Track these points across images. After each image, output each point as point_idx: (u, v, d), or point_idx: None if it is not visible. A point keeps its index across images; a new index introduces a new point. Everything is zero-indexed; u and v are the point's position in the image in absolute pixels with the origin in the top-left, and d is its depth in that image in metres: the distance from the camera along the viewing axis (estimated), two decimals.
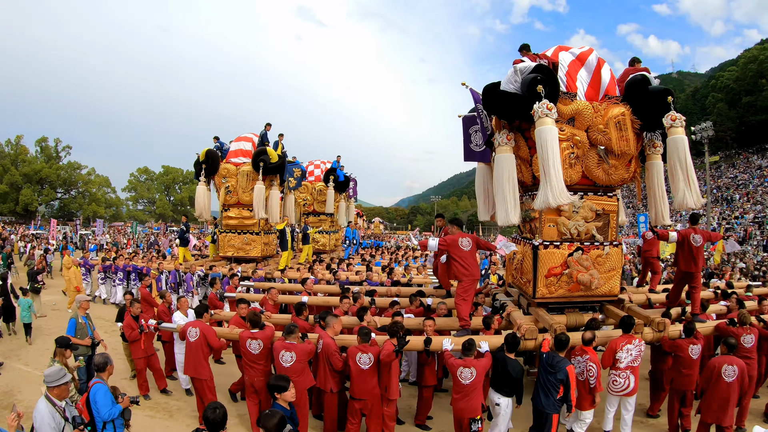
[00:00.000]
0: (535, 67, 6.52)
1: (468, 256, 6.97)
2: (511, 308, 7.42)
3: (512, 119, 6.89)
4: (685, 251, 7.51)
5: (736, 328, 7.02)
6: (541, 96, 6.15)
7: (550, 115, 6.05)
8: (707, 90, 70.77)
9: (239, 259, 14.29)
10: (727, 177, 57.00)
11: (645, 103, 6.75)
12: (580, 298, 7.17)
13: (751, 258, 30.76)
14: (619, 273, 7.24)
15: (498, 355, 6.02)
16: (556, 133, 6.10)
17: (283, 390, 4.57)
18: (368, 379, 6.01)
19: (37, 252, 20.95)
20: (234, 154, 14.28)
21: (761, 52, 60.91)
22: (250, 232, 14.30)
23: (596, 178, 6.97)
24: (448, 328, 7.26)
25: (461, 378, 5.72)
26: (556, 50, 7.36)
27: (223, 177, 14.04)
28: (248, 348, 6.42)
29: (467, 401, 5.75)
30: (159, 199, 77.08)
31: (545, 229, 7.04)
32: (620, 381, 6.31)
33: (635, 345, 6.29)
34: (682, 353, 6.57)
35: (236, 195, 13.96)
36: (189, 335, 6.78)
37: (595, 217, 7.06)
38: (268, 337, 6.46)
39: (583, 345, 6.25)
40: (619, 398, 6.46)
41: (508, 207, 6.70)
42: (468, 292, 6.95)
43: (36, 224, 48.88)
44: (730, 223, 45.22)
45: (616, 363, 6.27)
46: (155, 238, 35.29)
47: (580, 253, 6.92)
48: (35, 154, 62.63)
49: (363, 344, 6.08)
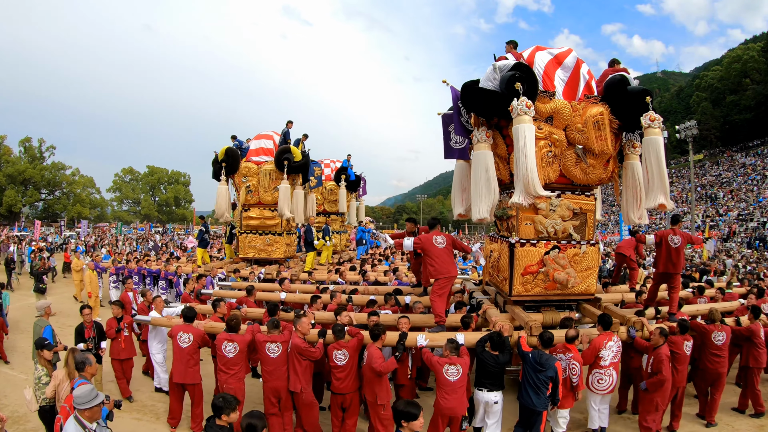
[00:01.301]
0: (515, 65, 6.51)
1: (443, 254, 7.01)
2: (487, 306, 7.41)
3: (491, 117, 6.86)
4: (663, 252, 7.55)
5: (708, 325, 7.11)
6: (519, 93, 6.15)
7: (528, 112, 6.07)
8: (692, 89, 71.72)
9: (261, 261, 13.66)
10: (711, 175, 57.69)
11: (623, 103, 6.76)
12: (557, 296, 7.16)
13: (737, 254, 31.16)
14: (595, 272, 7.25)
15: (484, 354, 6.01)
16: (533, 130, 6.13)
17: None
18: (346, 374, 6.11)
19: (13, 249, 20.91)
20: (255, 153, 13.62)
21: (745, 51, 61.81)
22: (272, 232, 13.60)
23: (574, 177, 6.96)
24: (424, 325, 7.26)
25: (448, 375, 5.75)
26: (534, 50, 7.35)
27: (243, 176, 13.39)
28: (223, 351, 6.35)
29: (456, 399, 5.78)
30: (144, 200, 76.42)
31: (522, 227, 7.01)
32: (605, 379, 6.31)
33: (615, 341, 6.35)
34: (677, 350, 6.63)
35: (257, 195, 13.32)
36: (180, 341, 6.70)
37: (573, 215, 7.04)
38: (246, 342, 6.41)
39: (566, 343, 6.24)
40: (600, 397, 6.47)
41: (482, 203, 6.74)
42: (443, 290, 7.04)
43: (20, 225, 48.19)
44: (714, 221, 45.76)
45: (599, 361, 6.28)
46: (154, 241, 34.67)
47: (557, 251, 6.90)
48: (19, 155, 61.75)
49: (338, 341, 6.19)
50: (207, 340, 6.91)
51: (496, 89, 6.48)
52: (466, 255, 12.95)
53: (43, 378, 5.78)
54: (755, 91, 58.86)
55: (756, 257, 28.08)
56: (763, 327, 7.47)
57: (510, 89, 6.24)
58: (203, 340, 6.85)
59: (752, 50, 60.67)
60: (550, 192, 6.70)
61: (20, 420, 6.97)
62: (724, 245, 38.18)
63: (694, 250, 28.64)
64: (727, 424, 7.41)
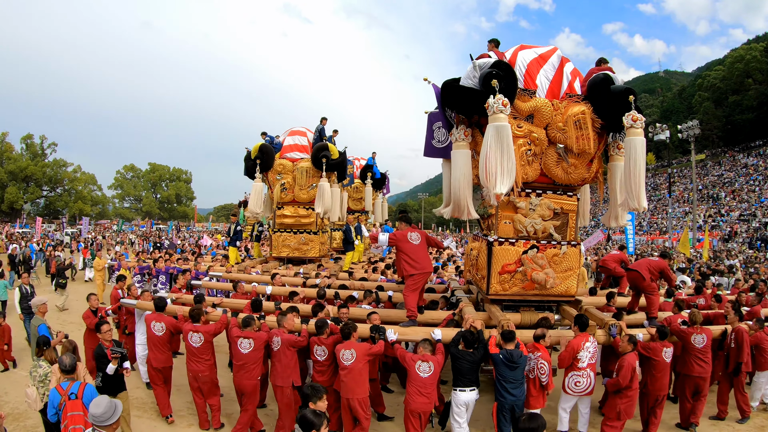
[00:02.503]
0: (494, 63, 6.43)
1: (417, 250, 7.05)
2: (464, 304, 7.35)
3: (470, 114, 6.81)
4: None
5: (687, 328, 6.96)
6: (495, 91, 6.10)
7: (504, 110, 6.01)
8: (694, 89, 71.43)
9: (295, 260, 13.29)
10: (713, 175, 57.54)
11: (606, 102, 6.66)
12: (536, 296, 7.10)
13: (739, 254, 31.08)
14: (576, 273, 7.15)
15: (459, 353, 5.99)
16: (508, 128, 6.08)
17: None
18: (324, 370, 6.35)
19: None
20: (289, 149, 13.21)
21: (748, 52, 61.51)
22: (308, 231, 13.17)
23: (555, 177, 6.90)
24: (398, 320, 7.28)
25: (420, 372, 5.79)
26: (518, 48, 7.30)
27: (278, 173, 12.88)
28: (189, 341, 6.65)
29: (427, 395, 5.82)
30: (145, 197, 76.73)
31: (501, 225, 6.97)
32: (582, 381, 6.22)
33: (591, 342, 6.26)
34: (655, 356, 6.48)
35: (292, 192, 12.88)
36: (154, 329, 6.96)
37: (554, 215, 6.98)
38: (209, 332, 6.69)
39: (534, 342, 6.16)
40: (577, 398, 6.40)
41: (462, 202, 6.71)
42: (416, 285, 7.07)
43: (21, 222, 48.38)
44: (716, 221, 45.63)
45: (576, 363, 6.20)
46: (168, 240, 34.43)
47: (535, 251, 6.84)
48: (20, 152, 62.09)
49: (319, 337, 6.35)
50: (179, 328, 7.07)
51: (475, 87, 6.43)
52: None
53: (50, 375, 5.75)
54: (757, 92, 58.61)
55: (755, 257, 28.06)
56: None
57: (487, 87, 6.19)
58: (176, 328, 7.06)
59: (755, 50, 60.37)
60: (516, 190, 6.57)
61: (20, 417, 7.04)
62: (725, 245, 38.15)
63: (695, 249, 28.62)
64: (728, 424, 7.35)
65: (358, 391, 6.00)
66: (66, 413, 4.81)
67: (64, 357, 5.37)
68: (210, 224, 69.04)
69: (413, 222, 7.59)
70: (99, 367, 6.21)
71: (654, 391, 6.58)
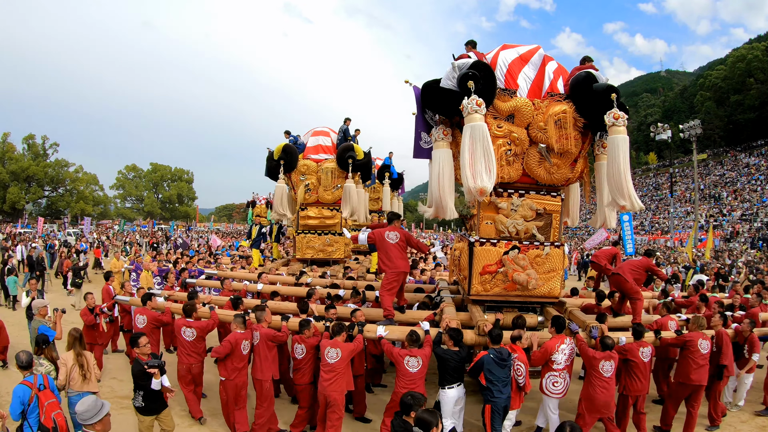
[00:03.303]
0: (473, 64, 6.41)
1: (393, 248, 7.12)
2: (445, 304, 7.37)
3: (450, 115, 6.80)
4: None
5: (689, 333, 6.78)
6: (470, 91, 6.12)
7: (479, 110, 6.02)
8: (695, 89, 71.21)
9: (319, 262, 13.15)
10: (715, 175, 57.34)
11: (589, 101, 6.60)
12: (518, 297, 7.07)
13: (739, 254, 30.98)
14: (559, 274, 7.09)
15: (446, 353, 5.99)
16: (484, 127, 6.08)
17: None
18: (304, 368, 6.47)
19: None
20: (313, 150, 12.98)
21: (749, 51, 61.28)
22: (332, 232, 13.03)
23: (538, 177, 6.87)
24: (379, 318, 7.34)
25: (408, 367, 5.87)
26: (500, 49, 7.28)
27: (302, 174, 12.66)
28: (182, 335, 6.90)
29: (416, 390, 5.72)
30: (147, 197, 76.86)
31: (482, 226, 6.96)
32: (560, 382, 6.21)
33: (567, 344, 6.22)
34: (632, 357, 6.41)
35: (316, 193, 12.68)
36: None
37: (536, 216, 6.95)
38: (202, 328, 6.98)
39: (511, 343, 6.13)
40: (557, 401, 6.36)
41: (442, 202, 6.71)
42: (391, 284, 7.14)
43: (23, 223, 48.49)
44: (717, 221, 45.47)
45: (551, 364, 6.17)
46: (183, 239, 34.22)
47: (516, 251, 6.81)
48: (22, 152, 62.09)
49: (298, 335, 6.51)
50: (162, 322, 7.53)
51: (454, 88, 6.43)
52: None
53: (51, 373, 5.79)
54: (759, 91, 58.31)
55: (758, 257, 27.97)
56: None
57: (463, 87, 6.20)
58: (157, 321, 7.51)
59: (756, 50, 60.08)
60: (493, 190, 6.45)
61: (4, 407, 7.03)
62: (727, 245, 38.01)
63: (698, 249, 28.45)
64: (730, 425, 7.32)
65: (337, 388, 6.09)
66: (42, 403, 5.10)
67: (20, 353, 5.50)
68: (212, 224, 69.15)
69: (400, 222, 7.64)
70: (138, 385, 5.66)
71: (633, 392, 6.51)
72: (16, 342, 9.97)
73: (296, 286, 10.21)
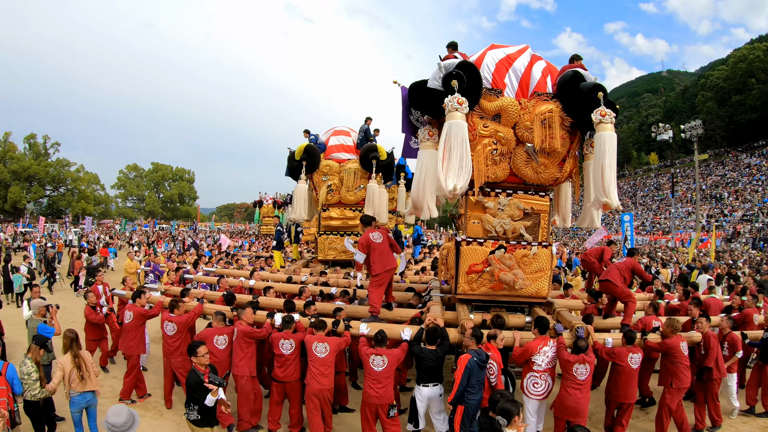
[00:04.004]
0: (458, 64, 6.41)
1: (379, 247, 7.17)
2: (432, 303, 7.38)
3: (437, 115, 6.77)
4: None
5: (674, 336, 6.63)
6: (454, 90, 6.16)
7: (459, 109, 6.04)
8: (697, 89, 71.00)
9: (341, 263, 12.96)
10: (716, 175, 57.23)
11: (577, 100, 6.56)
12: (505, 297, 7.04)
13: (740, 255, 30.87)
14: (547, 274, 7.05)
15: (423, 352, 6.02)
16: (462, 125, 6.12)
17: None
18: (289, 363, 6.48)
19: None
20: (335, 150, 12.78)
21: (751, 51, 61.09)
22: (355, 233, 12.50)
23: (525, 176, 6.85)
24: (361, 316, 7.42)
25: (374, 365, 5.94)
26: (487, 49, 7.26)
27: (324, 174, 12.41)
28: (164, 329, 7.28)
29: (382, 388, 5.95)
30: (148, 196, 77.03)
31: (470, 225, 6.95)
32: (540, 383, 6.12)
33: (550, 347, 6.12)
34: (620, 362, 6.32)
35: (338, 194, 12.47)
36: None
37: (524, 216, 6.93)
38: (182, 322, 7.26)
39: (486, 342, 6.06)
40: (538, 403, 6.24)
41: (420, 200, 6.73)
42: (381, 280, 7.18)
43: (24, 222, 48.62)
44: (719, 221, 45.37)
45: (532, 365, 6.10)
46: (193, 239, 34.04)
47: (503, 251, 6.79)
48: (24, 151, 62.31)
49: (285, 332, 6.55)
50: (149, 316, 7.78)
51: (439, 88, 6.42)
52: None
53: (33, 374, 5.82)
54: (761, 91, 58.17)
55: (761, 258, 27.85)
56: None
57: (447, 86, 6.22)
58: (142, 317, 7.67)
59: (758, 50, 59.88)
60: (468, 190, 6.49)
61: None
62: (728, 246, 37.91)
63: (699, 250, 28.38)
64: (731, 425, 7.28)
65: (325, 382, 6.23)
66: None
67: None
68: (213, 224, 69.27)
69: (371, 222, 7.81)
70: (193, 398, 5.24)
71: (617, 398, 6.43)
72: (16, 340, 10.21)
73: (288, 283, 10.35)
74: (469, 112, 6.49)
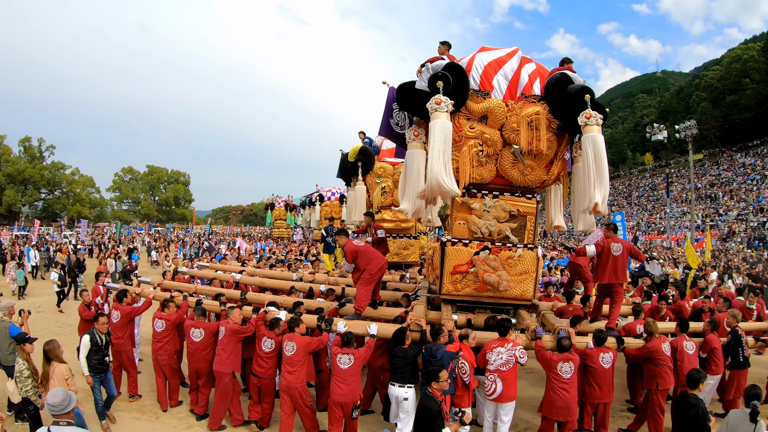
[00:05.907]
0: (446, 66, 6.42)
1: (365, 250, 7.20)
2: (417, 303, 7.39)
3: (425, 116, 6.67)
4: (603, 262, 7.20)
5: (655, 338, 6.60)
6: (439, 91, 6.20)
7: (440, 108, 6.09)
8: (691, 89, 71.33)
9: (394, 265, 12.68)
10: (710, 175, 57.46)
11: (563, 102, 6.54)
12: (490, 299, 7.04)
13: (735, 254, 30.99)
14: (532, 277, 7.01)
15: (394, 350, 6.13)
16: (447, 126, 6.18)
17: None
18: (269, 362, 6.69)
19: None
20: (388, 153, 12.70)
21: (745, 51, 61.45)
22: (408, 235, 12.88)
23: (512, 178, 6.85)
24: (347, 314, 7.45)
25: (340, 364, 6.04)
26: (478, 51, 7.28)
27: (377, 176, 12.43)
28: (154, 325, 7.53)
29: (347, 387, 6.00)
30: (144, 199, 76.78)
31: (455, 226, 6.96)
32: (487, 383, 6.05)
33: (507, 349, 5.99)
34: (592, 363, 6.26)
35: (391, 196, 12.31)
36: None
37: (510, 217, 6.93)
38: (172, 320, 7.52)
39: (459, 342, 6.06)
40: (495, 405, 6.13)
41: (409, 202, 6.73)
42: (373, 278, 7.18)
43: (20, 225, 48.42)
44: (714, 221, 45.54)
45: (487, 364, 6.05)
46: (209, 243, 33.53)
47: (487, 252, 6.79)
48: (18, 154, 62.05)
49: (269, 331, 6.73)
50: (136, 312, 7.97)
51: (425, 89, 6.44)
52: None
53: (24, 372, 5.88)
54: (755, 91, 58.49)
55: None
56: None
57: (432, 87, 6.26)
58: (128, 316, 7.79)
59: (752, 50, 60.28)
60: (458, 190, 6.39)
61: (3, 408, 7.14)
62: (723, 245, 38.03)
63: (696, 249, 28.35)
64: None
65: (296, 380, 6.32)
66: None
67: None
68: (209, 226, 69.13)
69: (348, 234, 7.87)
70: (430, 426, 4.72)
71: (593, 399, 6.37)
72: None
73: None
74: (456, 113, 6.52)
